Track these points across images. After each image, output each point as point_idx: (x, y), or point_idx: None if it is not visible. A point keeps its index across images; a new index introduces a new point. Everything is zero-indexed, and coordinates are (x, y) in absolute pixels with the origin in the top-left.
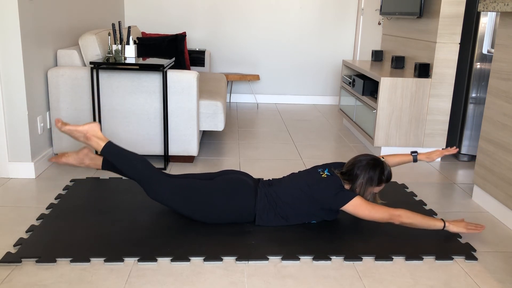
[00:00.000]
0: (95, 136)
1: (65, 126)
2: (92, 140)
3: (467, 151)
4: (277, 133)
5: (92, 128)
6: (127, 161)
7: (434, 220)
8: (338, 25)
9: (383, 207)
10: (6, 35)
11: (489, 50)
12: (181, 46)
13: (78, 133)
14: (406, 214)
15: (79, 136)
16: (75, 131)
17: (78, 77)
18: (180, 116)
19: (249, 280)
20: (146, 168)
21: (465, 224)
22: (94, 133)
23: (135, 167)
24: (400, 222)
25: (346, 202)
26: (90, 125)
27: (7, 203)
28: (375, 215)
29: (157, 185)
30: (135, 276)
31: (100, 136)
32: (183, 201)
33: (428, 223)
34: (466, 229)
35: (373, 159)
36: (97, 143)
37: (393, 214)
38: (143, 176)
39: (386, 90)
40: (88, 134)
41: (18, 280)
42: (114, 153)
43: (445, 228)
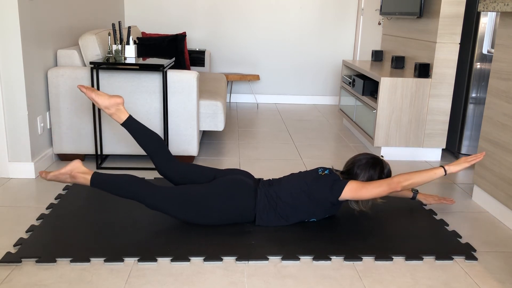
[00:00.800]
0: (79, 173)
1: (49, 175)
2: (79, 178)
3: (467, 151)
4: (277, 133)
5: (75, 166)
6: (116, 186)
7: (433, 170)
8: (338, 25)
9: (379, 180)
10: (6, 35)
11: (489, 50)
12: (181, 46)
13: (64, 175)
14: (404, 177)
15: (66, 178)
16: (59, 174)
17: (78, 77)
18: (180, 116)
19: (249, 280)
20: (136, 186)
21: (464, 159)
22: (78, 169)
23: (125, 189)
24: (401, 187)
25: (341, 189)
26: (72, 164)
27: (7, 203)
28: (375, 190)
29: (152, 199)
30: (135, 276)
31: (84, 170)
32: (182, 209)
33: (429, 175)
34: (467, 162)
35: (372, 158)
36: (84, 178)
37: (392, 183)
38: (135, 194)
39: (386, 90)
40: (73, 173)
41: (18, 280)
42: (102, 182)
43: (447, 173)
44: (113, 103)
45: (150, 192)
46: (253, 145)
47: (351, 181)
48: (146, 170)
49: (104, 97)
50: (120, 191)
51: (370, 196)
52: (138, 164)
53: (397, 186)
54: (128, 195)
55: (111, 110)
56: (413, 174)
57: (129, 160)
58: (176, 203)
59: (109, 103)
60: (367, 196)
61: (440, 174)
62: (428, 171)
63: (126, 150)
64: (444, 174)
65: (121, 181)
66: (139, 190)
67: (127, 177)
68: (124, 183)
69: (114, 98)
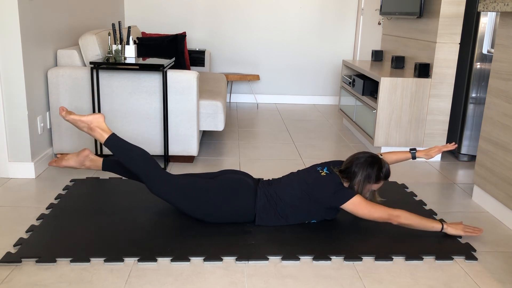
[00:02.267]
0: (99, 128)
1: (70, 115)
2: (96, 131)
3: (467, 151)
4: (277, 133)
5: (97, 119)
6: (130, 156)
7: (433, 222)
8: (338, 25)
9: (383, 206)
10: (6, 35)
11: (489, 50)
12: (181, 46)
13: (82, 123)
14: (405, 215)
15: (83, 126)
16: (79, 121)
17: (78, 77)
18: (180, 116)
19: (249, 280)
20: (149, 164)
21: (463, 227)
22: (98, 124)
23: (137, 163)
24: (398, 222)
25: (345, 200)
26: (95, 115)
27: (7, 203)
28: (374, 214)
29: (159, 182)
30: (135, 276)
31: (104, 127)
32: (184, 199)
33: (426, 225)
34: (464, 231)
35: (371, 156)
36: (101, 135)
37: (392, 215)
38: (145, 172)
39: (386, 90)
40: (92, 125)
41: (18, 280)
42: (117, 146)
43: (443, 230)
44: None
45: (159, 174)
46: (253, 145)
47: (357, 195)
48: None
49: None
50: (131, 164)
51: (367, 217)
52: None
53: (395, 220)
54: (137, 169)
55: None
56: (415, 217)
57: None
58: (180, 192)
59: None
60: (365, 216)
61: (437, 229)
62: (428, 222)
63: None
64: (440, 231)
65: (135, 153)
66: (150, 168)
67: (142, 152)
68: (137, 156)
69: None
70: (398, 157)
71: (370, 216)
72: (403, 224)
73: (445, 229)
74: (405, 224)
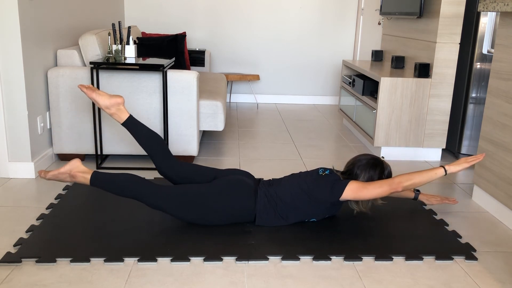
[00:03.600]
0: (79, 172)
1: (48, 174)
2: (78, 177)
3: (467, 151)
4: (277, 133)
5: (74, 165)
6: (117, 185)
7: (433, 170)
8: (338, 25)
9: (380, 181)
10: (6, 35)
11: (489, 50)
12: (181, 46)
13: (63, 175)
14: (405, 177)
15: (65, 177)
16: (58, 174)
17: (78, 77)
18: (180, 116)
19: (249, 280)
20: (136, 185)
21: (465, 159)
22: (77, 169)
23: (126, 188)
24: (402, 187)
25: (342, 190)
26: (71, 163)
27: (7, 203)
28: (376, 190)
29: (152, 198)
30: (135, 276)
31: (83, 169)
32: (182, 208)
33: (430, 175)
34: (467, 162)
35: (373, 158)
36: (84, 178)
37: (393, 183)
38: (136, 193)
39: (386, 90)
40: (72, 172)
41: (18, 280)
42: (102, 182)
43: (447, 173)
44: (114, 103)
45: (150, 191)
46: (253, 145)
47: (351, 181)
48: (146, 170)
49: (105, 97)
50: (120, 190)
51: (371, 197)
52: (138, 164)
53: (398, 186)
54: (129, 194)
55: (112, 110)
56: (414, 174)
57: (129, 160)
58: (177, 202)
59: (110, 102)
60: (368, 196)
61: (441, 174)
62: (429, 171)
63: (126, 150)
64: (445, 174)
65: (121, 180)
66: (139, 189)
67: (128, 176)
68: (124, 182)
69: (115, 98)
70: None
71: (373, 194)
72: (408, 186)
73: (448, 169)
74: (410, 185)
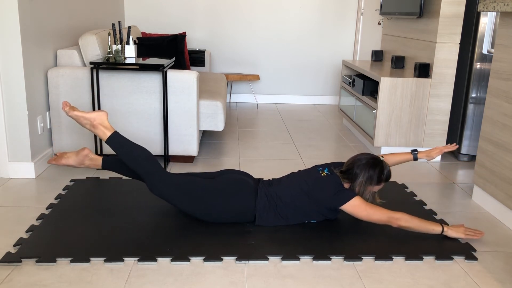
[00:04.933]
0: (101, 125)
1: (73, 111)
2: (99, 129)
3: (467, 151)
4: (277, 133)
5: (100, 116)
6: (131, 155)
7: (433, 224)
8: (338, 25)
9: (382, 209)
10: (6, 35)
11: (489, 50)
12: (181, 46)
13: (85, 120)
14: (405, 217)
15: (86, 123)
16: (82, 117)
17: (78, 77)
18: (180, 116)
19: (249, 280)
20: (150, 164)
21: (464, 230)
22: (101, 121)
23: (138, 162)
24: (398, 225)
25: (345, 201)
26: (98, 113)
27: (7, 203)
28: (374, 216)
29: (160, 181)
30: (135, 276)
31: (107, 125)
32: (185, 199)
33: (427, 227)
34: (465, 234)
35: (372, 158)
36: (103, 132)
37: (391, 217)
38: (146, 171)
39: (386, 90)
40: (95, 122)
41: (18, 280)
42: (118, 144)
43: (443, 233)
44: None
45: (159, 173)
46: (253, 145)
47: (357, 197)
48: None
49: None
50: (132, 163)
51: (366, 219)
52: None
53: (395, 222)
54: (137, 167)
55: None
56: (415, 219)
57: None
58: (181, 191)
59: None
60: (364, 218)
61: (437, 232)
62: (428, 224)
63: None
64: (440, 233)
65: (136, 152)
66: (150, 167)
67: (144, 151)
68: (138, 155)
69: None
70: (399, 158)
71: (369, 218)
72: (403, 227)
73: (446, 232)
74: (405, 227)
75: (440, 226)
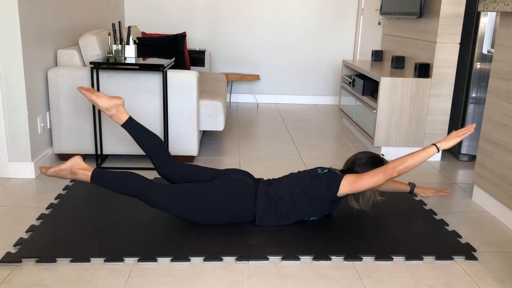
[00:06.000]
0: (80, 169)
1: (49, 170)
2: (79, 174)
3: (467, 151)
4: (277, 133)
5: (75, 162)
6: (117, 183)
7: (426, 149)
8: (338, 25)
9: (374, 170)
10: (6, 35)
11: (489, 50)
12: (181, 46)
13: (64, 171)
14: (398, 161)
15: (66, 174)
16: (59, 170)
17: (78, 77)
18: (180, 116)
19: (249, 280)
20: (137, 183)
21: (455, 133)
22: (78, 166)
23: (126, 185)
24: (397, 172)
25: (338, 185)
26: (72, 160)
27: (7, 203)
28: (372, 179)
29: (153, 196)
30: (135, 276)
31: (84, 166)
32: (182, 207)
33: (423, 155)
34: (458, 136)
35: (373, 156)
36: (84, 174)
37: (387, 169)
38: (136, 191)
39: (386, 90)
40: (73, 169)
41: (18, 280)
42: (103, 179)
43: (439, 150)
44: (113, 104)
45: (151, 189)
46: (253, 145)
47: (346, 175)
48: (146, 170)
49: (104, 99)
50: (121, 188)
51: (368, 186)
52: (138, 164)
53: (393, 171)
54: (129, 191)
55: (111, 111)
56: (406, 157)
57: (129, 160)
58: (178, 201)
59: (109, 104)
60: (365, 186)
61: (433, 152)
62: (421, 151)
63: (126, 150)
64: (437, 151)
65: (122, 178)
66: (140, 187)
67: (129, 174)
68: (125, 180)
69: (114, 100)
70: (396, 186)
71: (370, 183)
72: (402, 170)
73: (440, 146)
74: (404, 168)
75: (433, 146)
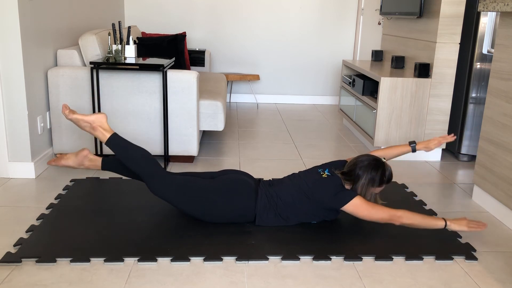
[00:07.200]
0: (101, 127)
1: (72, 114)
2: (98, 131)
3: (467, 151)
4: (277, 133)
5: (99, 118)
6: (131, 156)
7: (435, 219)
8: (338, 25)
9: (384, 207)
10: (6, 35)
11: (489, 50)
12: (181, 46)
13: (85, 123)
14: (407, 214)
15: (85, 125)
16: (81, 120)
17: (78, 77)
18: (180, 116)
19: (249, 280)
20: (150, 164)
21: (467, 222)
22: (101, 123)
23: (138, 163)
24: (400, 223)
25: (346, 202)
26: (97, 115)
27: (7, 203)
28: (375, 215)
29: (160, 182)
30: (135, 276)
31: (106, 127)
32: (185, 199)
33: (429, 223)
34: (468, 227)
35: (374, 159)
36: (103, 134)
37: (393, 215)
38: (146, 172)
39: (386, 90)
40: (94, 124)
41: (18, 280)
42: (118, 146)
43: (446, 227)
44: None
45: (159, 174)
46: (253, 145)
47: (358, 196)
48: None
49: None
50: (132, 163)
51: (368, 219)
52: None
53: (398, 220)
54: (137, 169)
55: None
56: (417, 216)
57: None
58: (181, 192)
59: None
60: (366, 218)
61: (440, 226)
62: (430, 220)
63: None
64: (444, 228)
65: (136, 153)
66: (149, 167)
67: (143, 151)
68: (138, 156)
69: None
70: (398, 151)
71: (371, 217)
72: (405, 224)
73: (449, 226)
74: (408, 224)
75: (443, 220)
